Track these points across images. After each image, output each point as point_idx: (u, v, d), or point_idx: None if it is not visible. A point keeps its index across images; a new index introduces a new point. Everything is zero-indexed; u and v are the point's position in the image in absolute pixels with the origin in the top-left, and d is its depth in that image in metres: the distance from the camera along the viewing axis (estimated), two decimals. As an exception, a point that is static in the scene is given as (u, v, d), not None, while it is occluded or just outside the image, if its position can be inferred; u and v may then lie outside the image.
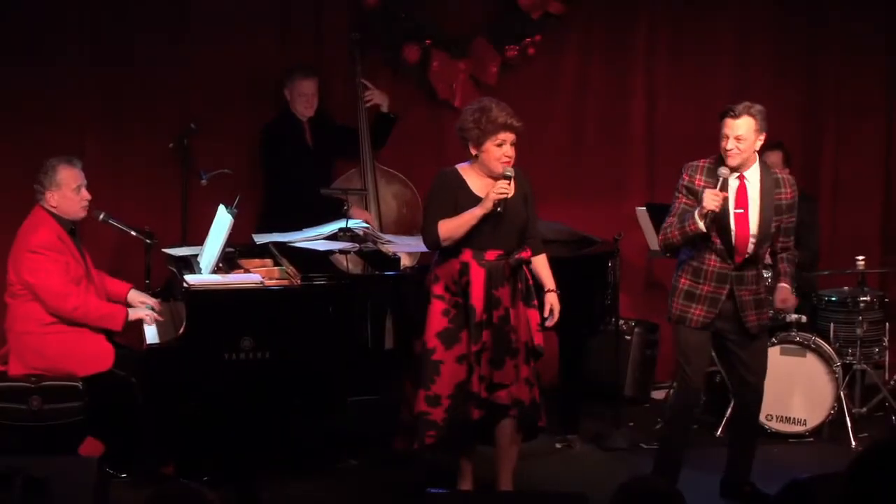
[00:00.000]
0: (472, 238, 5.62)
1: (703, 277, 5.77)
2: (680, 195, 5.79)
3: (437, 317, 5.64)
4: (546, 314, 5.75)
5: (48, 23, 7.34)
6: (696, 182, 5.75)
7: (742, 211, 5.76)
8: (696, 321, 5.80)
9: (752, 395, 6.00)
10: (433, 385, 5.60)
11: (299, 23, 7.77)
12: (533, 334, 5.69)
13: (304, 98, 7.37)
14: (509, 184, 5.59)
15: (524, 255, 5.69)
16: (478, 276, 5.59)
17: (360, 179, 7.49)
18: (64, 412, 5.86)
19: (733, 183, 5.75)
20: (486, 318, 5.58)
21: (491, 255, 5.62)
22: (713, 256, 5.76)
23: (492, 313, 5.58)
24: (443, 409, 5.60)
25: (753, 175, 5.78)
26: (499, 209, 5.56)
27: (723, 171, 5.72)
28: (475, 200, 5.61)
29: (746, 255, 5.77)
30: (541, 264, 5.82)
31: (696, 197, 5.71)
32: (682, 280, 5.83)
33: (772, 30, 8.24)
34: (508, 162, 5.61)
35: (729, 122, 5.68)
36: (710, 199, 5.63)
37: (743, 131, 5.66)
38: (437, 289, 5.67)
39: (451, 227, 5.62)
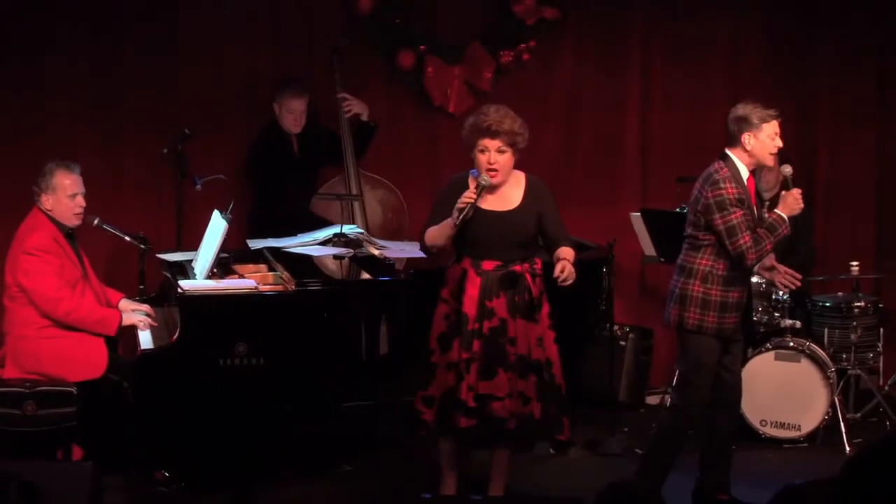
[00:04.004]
0: (470, 247, 5.60)
1: (733, 284, 5.67)
2: (735, 209, 5.55)
3: (440, 320, 5.67)
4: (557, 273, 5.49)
5: (42, 28, 7.33)
6: (739, 191, 5.62)
7: None
8: (729, 329, 5.71)
9: (737, 393, 5.93)
10: (430, 387, 5.64)
11: (292, 29, 7.75)
12: (532, 349, 5.58)
13: (292, 115, 7.37)
14: (476, 193, 5.48)
15: (517, 268, 5.57)
16: (473, 285, 5.57)
17: (345, 186, 7.48)
18: (58, 417, 5.84)
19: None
20: (478, 328, 5.54)
21: (488, 265, 5.58)
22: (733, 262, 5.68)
23: (483, 323, 5.55)
24: (434, 411, 5.63)
25: None
26: (462, 217, 5.43)
27: (788, 169, 5.80)
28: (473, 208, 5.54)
29: None
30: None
31: (745, 205, 5.60)
32: (714, 291, 5.65)
33: (765, 37, 8.23)
34: (493, 172, 5.52)
35: (778, 124, 5.68)
36: (799, 202, 5.67)
37: None
38: (444, 292, 5.68)
39: (432, 235, 5.64)
